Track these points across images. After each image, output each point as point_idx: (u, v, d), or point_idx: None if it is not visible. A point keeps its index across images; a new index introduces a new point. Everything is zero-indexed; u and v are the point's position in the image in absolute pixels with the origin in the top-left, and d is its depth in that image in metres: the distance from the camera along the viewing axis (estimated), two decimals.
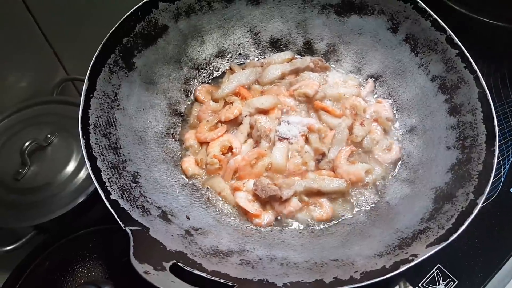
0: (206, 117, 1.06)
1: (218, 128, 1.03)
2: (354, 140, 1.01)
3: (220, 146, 0.99)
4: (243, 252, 0.81)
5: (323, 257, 0.80)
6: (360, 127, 1.02)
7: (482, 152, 0.86)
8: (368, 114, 1.07)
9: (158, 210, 0.82)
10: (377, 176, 0.98)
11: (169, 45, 1.05)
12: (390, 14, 1.06)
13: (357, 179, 0.96)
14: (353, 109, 1.06)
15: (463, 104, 0.95)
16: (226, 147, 0.99)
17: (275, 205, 0.92)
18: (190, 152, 1.02)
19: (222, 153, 0.99)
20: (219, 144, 1.00)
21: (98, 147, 0.82)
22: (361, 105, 1.07)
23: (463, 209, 0.79)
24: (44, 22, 1.09)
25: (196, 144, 1.03)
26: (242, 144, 1.00)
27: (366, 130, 1.02)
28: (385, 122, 1.05)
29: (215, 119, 1.04)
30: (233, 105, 1.05)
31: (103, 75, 0.89)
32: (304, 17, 1.15)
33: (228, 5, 1.10)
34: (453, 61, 0.98)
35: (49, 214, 0.96)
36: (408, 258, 0.73)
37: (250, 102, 1.04)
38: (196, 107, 1.09)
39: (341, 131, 1.01)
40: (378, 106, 1.08)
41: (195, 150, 1.02)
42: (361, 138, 1.01)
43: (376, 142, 1.02)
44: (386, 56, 1.11)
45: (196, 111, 1.08)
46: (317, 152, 0.99)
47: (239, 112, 1.03)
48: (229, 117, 1.03)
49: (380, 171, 0.99)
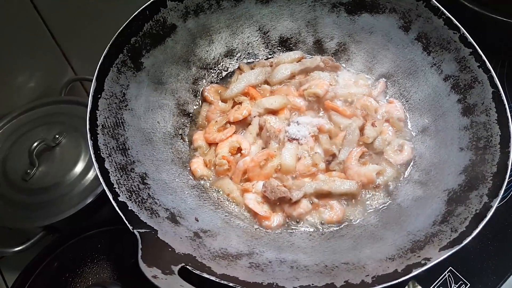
0: (215, 117, 1.05)
1: (227, 129, 1.02)
2: (366, 141, 0.99)
3: (229, 147, 0.99)
4: (252, 254, 0.80)
5: (333, 260, 0.79)
6: (372, 128, 1.00)
7: (496, 153, 0.85)
8: (380, 114, 1.05)
9: (166, 212, 0.82)
10: (388, 178, 0.97)
11: (178, 44, 1.04)
12: (402, 12, 1.05)
13: (368, 180, 0.95)
14: (364, 109, 1.05)
15: (476, 104, 0.93)
16: (235, 148, 0.99)
17: (284, 207, 0.91)
18: (199, 153, 1.02)
19: (231, 154, 0.99)
20: (228, 145, 0.99)
21: (106, 148, 0.82)
22: (372, 105, 1.05)
23: (477, 212, 0.78)
24: (52, 22, 1.10)
25: (205, 144, 1.02)
26: (251, 145, 0.99)
27: (377, 130, 1.01)
28: (396, 122, 1.04)
29: (223, 119, 1.03)
30: (242, 106, 1.04)
31: (111, 76, 0.89)
32: (314, 15, 1.14)
33: (237, 3, 1.09)
34: (466, 61, 0.96)
35: (58, 214, 0.96)
36: (420, 262, 0.72)
37: (259, 102, 1.03)
38: (205, 108, 1.09)
39: (351, 132, 0.99)
40: (389, 107, 1.06)
41: (204, 151, 1.02)
42: (373, 139, 1.00)
43: (388, 142, 1.01)
44: (397, 55, 1.09)
45: (205, 111, 1.08)
46: (328, 153, 0.98)
47: (248, 112, 1.02)
48: (238, 118, 1.02)
49: (392, 172, 0.98)
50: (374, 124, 1.01)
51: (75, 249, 0.97)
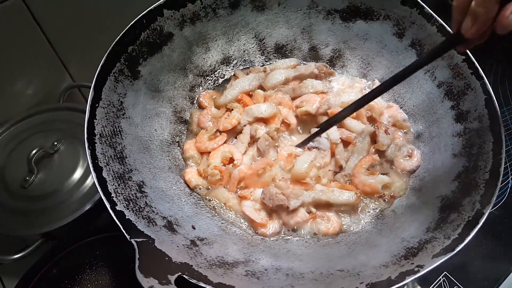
0: (206, 121, 1.05)
1: (218, 137, 1.02)
2: (380, 148, 0.99)
3: (221, 157, 0.99)
4: (248, 262, 0.81)
5: (329, 267, 0.80)
6: (385, 135, 0.99)
7: (489, 160, 0.86)
8: (385, 119, 1.06)
9: (163, 220, 0.83)
10: (395, 190, 0.96)
11: (174, 52, 1.05)
12: (396, 20, 1.06)
13: (372, 191, 0.95)
14: (369, 110, 1.05)
15: (469, 111, 0.94)
16: (227, 158, 0.99)
17: (282, 215, 0.92)
18: (192, 162, 1.02)
19: (223, 164, 0.99)
20: (220, 155, 0.99)
21: (104, 157, 0.83)
22: (378, 106, 1.06)
23: (469, 219, 0.79)
24: (50, 30, 1.10)
25: (197, 154, 1.02)
26: (244, 154, 1.00)
27: (391, 138, 1.00)
28: (403, 124, 1.05)
29: (214, 128, 1.03)
30: (231, 114, 1.04)
31: (108, 84, 0.90)
32: (310, 22, 1.15)
33: (233, 11, 1.10)
34: (459, 67, 0.97)
35: (57, 221, 0.96)
36: (413, 269, 0.73)
37: (249, 110, 1.03)
38: (196, 113, 1.09)
39: (362, 140, 1.00)
40: (391, 111, 1.07)
41: (196, 160, 1.02)
42: (387, 146, 0.99)
43: (399, 148, 1.00)
44: (392, 61, 1.10)
45: (197, 116, 1.08)
46: (337, 164, 0.99)
47: (238, 121, 1.02)
48: (227, 127, 1.02)
49: (400, 184, 0.97)
50: (387, 132, 1.00)
51: (73, 256, 0.97)
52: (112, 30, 0.93)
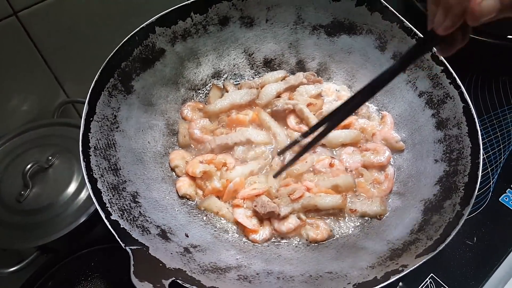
0: (197, 133, 1.07)
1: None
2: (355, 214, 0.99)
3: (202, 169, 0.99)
4: (240, 267, 0.84)
5: (318, 270, 0.83)
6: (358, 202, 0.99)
7: (468, 164, 0.90)
8: (378, 140, 1.08)
9: (157, 229, 0.85)
10: (372, 213, 0.97)
11: (166, 67, 1.09)
12: (378, 34, 1.11)
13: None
14: (362, 131, 1.09)
15: (449, 118, 0.98)
16: (220, 163, 1.01)
17: (274, 222, 0.94)
18: (178, 171, 1.02)
19: (217, 169, 1.00)
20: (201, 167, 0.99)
21: (99, 169, 0.85)
22: (370, 128, 1.09)
23: (450, 220, 0.82)
24: (44, 47, 1.12)
25: (183, 164, 1.03)
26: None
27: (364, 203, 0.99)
28: (397, 145, 1.06)
29: (208, 156, 1.03)
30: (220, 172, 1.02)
31: (102, 99, 0.92)
32: (296, 37, 1.20)
33: (223, 28, 1.14)
34: (438, 78, 1.02)
35: (52, 234, 0.97)
36: (398, 268, 0.76)
37: (244, 132, 1.05)
38: (183, 125, 1.09)
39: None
40: (383, 133, 1.08)
41: (181, 170, 1.02)
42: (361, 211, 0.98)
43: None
44: (375, 73, 1.11)
45: (184, 128, 1.08)
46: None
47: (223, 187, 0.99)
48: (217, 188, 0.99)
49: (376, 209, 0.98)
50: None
51: (69, 268, 0.98)
52: (105, 47, 0.96)
